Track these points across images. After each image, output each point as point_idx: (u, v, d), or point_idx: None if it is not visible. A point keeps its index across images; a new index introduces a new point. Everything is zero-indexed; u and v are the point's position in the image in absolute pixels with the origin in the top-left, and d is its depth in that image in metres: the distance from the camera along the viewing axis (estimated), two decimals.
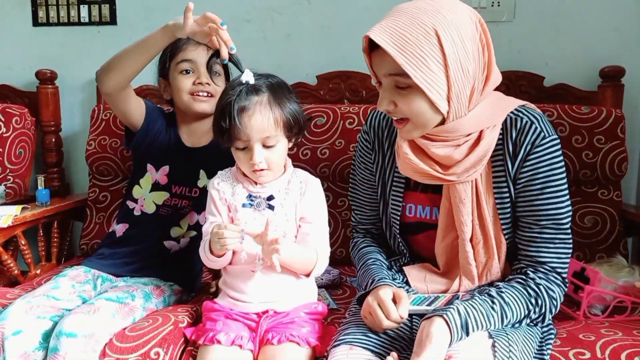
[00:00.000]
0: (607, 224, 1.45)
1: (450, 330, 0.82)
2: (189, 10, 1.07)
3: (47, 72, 1.72)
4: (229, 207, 1.04)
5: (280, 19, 1.74)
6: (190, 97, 1.23)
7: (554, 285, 0.93)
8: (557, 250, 0.94)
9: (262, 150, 0.99)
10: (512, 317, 0.90)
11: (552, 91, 1.62)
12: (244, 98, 0.97)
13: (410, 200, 1.04)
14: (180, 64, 1.23)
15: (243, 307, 1.03)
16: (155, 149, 1.28)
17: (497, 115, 0.93)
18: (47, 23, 1.81)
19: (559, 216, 0.93)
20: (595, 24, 1.63)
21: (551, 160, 0.92)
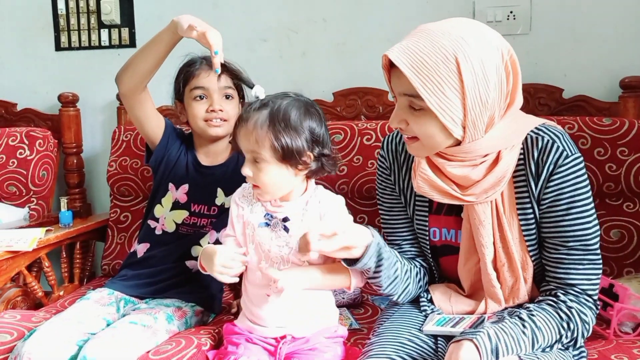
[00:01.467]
0: (634, 238, 1.41)
1: (480, 355, 0.81)
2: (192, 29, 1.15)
3: (69, 95, 1.77)
4: (244, 223, 1.02)
5: (296, 37, 1.76)
6: (204, 123, 1.25)
7: (585, 309, 0.91)
8: (587, 271, 0.92)
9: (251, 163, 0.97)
10: (544, 342, 0.87)
11: (572, 103, 1.59)
12: (246, 110, 0.99)
13: (434, 224, 1.02)
14: (193, 90, 1.25)
15: (261, 332, 1.01)
16: (175, 168, 1.30)
17: (516, 136, 0.91)
18: (69, 47, 1.87)
19: (586, 236, 0.90)
20: (614, 34, 1.61)
21: (575, 179, 0.90)
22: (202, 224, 1.28)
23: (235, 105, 1.28)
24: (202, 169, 1.30)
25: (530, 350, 0.86)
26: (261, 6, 1.76)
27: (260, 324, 1.01)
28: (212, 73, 1.22)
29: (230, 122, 1.24)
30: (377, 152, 1.28)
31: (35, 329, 1.07)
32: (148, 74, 1.22)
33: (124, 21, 1.82)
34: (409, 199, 1.04)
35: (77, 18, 1.84)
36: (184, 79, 1.26)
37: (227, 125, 1.25)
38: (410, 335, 0.95)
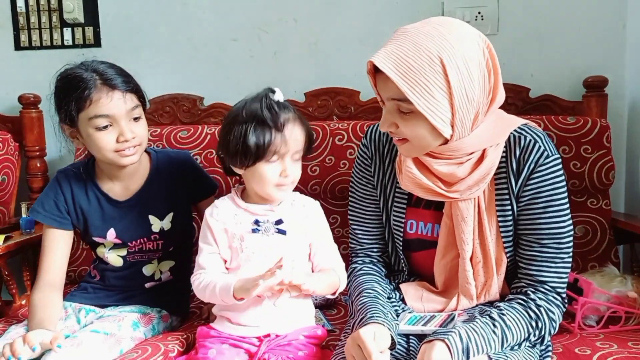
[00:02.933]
0: (598, 233, 1.46)
1: (452, 354, 0.81)
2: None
3: (31, 97, 1.70)
4: (230, 236, 1.01)
5: (267, 37, 1.75)
6: (115, 154, 1.08)
7: (554, 307, 0.93)
8: (558, 269, 0.94)
9: (292, 164, 1.00)
10: (513, 340, 0.89)
11: (538, 102, 1.63)
12: (284, 112, 0.98)
13: (411, 217, 1.03)
14: (93, 120, 1.04)
15: (245, 332, 1.01)
16: (89, 222, 1.17)
17: (500, 134, 0.93)
18: (29, 47, 1.79)
19: (561, 235, 0.93)
20: (578, 35, 1.66)
21: (554, 179, 0.92)
22: (149, 249, 1.20)
23: (144, 124, 1.12)
24: (120, 206, 1.18)
25: (499, 349, 0.88)
26: (231, 5, 1.74)
27: (248, 325, 1.01)
28: (114, 94, 1.04)
29: (143, 145, 1.12)
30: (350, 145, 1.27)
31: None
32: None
33: (88, 20, 1.76)
34: (388, 191, 1.05)
35: (37, 16, 1.77)
36: (77, 102, 1.04)
37: (140, 149, 1.11)
38: None
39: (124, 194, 1.19)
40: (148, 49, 1.77)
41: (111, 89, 1.05)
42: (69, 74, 1.07)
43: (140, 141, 1.11)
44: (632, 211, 1.65)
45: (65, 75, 1.08)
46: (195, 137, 1.56)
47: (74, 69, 1.08)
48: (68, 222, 1.17)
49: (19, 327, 1.08)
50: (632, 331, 1.10)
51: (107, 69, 1.07)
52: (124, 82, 1.07)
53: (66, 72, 1.08)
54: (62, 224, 1.17)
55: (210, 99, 1.73)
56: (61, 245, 1.16)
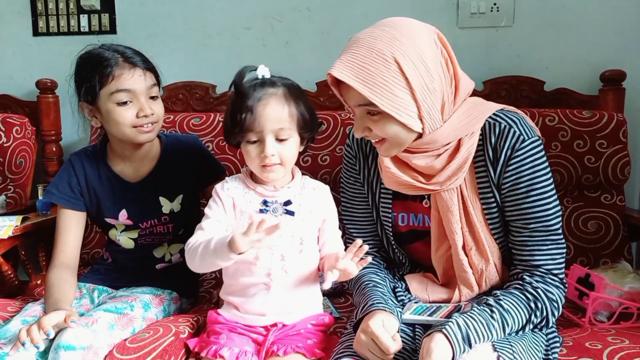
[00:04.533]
0: (611, 229, 1.44)
1: (452, 345, 0.81)
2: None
3: (48, 82, 1.73)
4: (239, 212, 1.01)
5: (280, 26, 1.74)
6: (133, 130, 1.11)
7: (551, 287, 0.93)
8: (550, 251, 0.93)
9: (275, 143, 0.96)
10: (514, 324, 0.89)
11: (553, 96, 1.61)
12: (259, 89, 0.96)
13: (400, 210, 1.04)
14: (115, 94, 1.08)
15: (251, 321, 1.01)
16: (102, 204, 1.20)
17: (474, 122, 0.93)
18: (47, 33, 1.82)
19: (547, 217, 0.92)
20: (596, 28, 1.63)
21: (533, 162, 0.92)
22: (159, 232, 1.22)
23: (161, 103, 1.15)
24: (132, 188, 1.20)
25: (502, 335, 0.87)
26: None
27: (254, 313, 1.01)
28: (136, 72, 1.09)
29: (159, 124, 1.14)
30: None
31: (10, 320, 1.05)
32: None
33: (104, 7, 1.78)
34: (374, 188, 1.06)
35: (55, 3, 1.79)
36: (100, 78, 1.08)
37: (156, 127, 1.14)
38: None
39: (135, 175, 1.21)
40: (162, 37, 1.78)
41: (132, 65, 1.09)
42: (92, 53, 1.12)
43: (157, 119, 1.13)
44: None
45: (88, 55, 1.12)
46: (208, 125, 1.57)
47: (96, 49, 1.12)
48: (81, 203, 1.19)
49: (35, 305, 1.11)
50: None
51: (126, 49, 1.12)
52: (143, 60, 1.12)
53: (88, 52, 1.13)
54: (76, 204, 1.19)
55: (223, 87, 1.74)
56: (75, 226, 1.18)
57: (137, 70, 1.10)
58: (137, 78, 1.09)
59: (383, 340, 0.85)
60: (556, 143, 1.44)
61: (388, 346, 0.85)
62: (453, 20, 1.68)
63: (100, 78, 1.08)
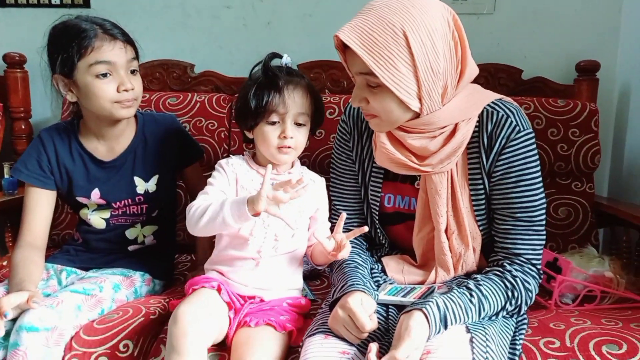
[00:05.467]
0: (580, 215, 1.48)
1: (429, 324, 0.83)
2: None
3: (16, 56, 1.66)
4: (241, 187, 1.03)
5: (261, 6, 1.71)
6: (112, 104, 1.07)
7: (529, 278, 0.95)
8: (532, 242, 0.96)
9: (293, 127, 1.01)
10: (490, 310, 0.91)
11: (530, 84, 1.64)
12: (287, 74, 1.02)
13: (389, 190, 1.05)
14: (94, 66, 1.03)
15: (232, 287, 1.02)
16: (74, 181, 1.16)
17: (473, 109, 0.94)
18: (15, 4, 1.74)
19: (533, 209, 0.95)
20: (572, 19, 1.65)
21: (526, 153, 0.94)
22: (132, 212, 1.20)
23: (140, 80, 1.11)
24: (105, 166, 1.16)
25: (477, 319, 0.90)
26: None
27: (236, 281, 1.02)
28: (116, 44, 1.05)
29: (138, 100, 1.11)
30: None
31: None
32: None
33: None
34: (366, 166, 1.06)
35: None
36: (78, 49, 1.03)
37: (135, 104, 1.11)
38: None
39: (109, 154, 1.17)
40: (139, 13, 1.72)
41: (112, 38, 1.05)
42: (68, 23, 1.06)
43: (137, 95, 1.10)
44: (614, 195, 1.68)
45: (64, 25, 1.06)
46: (185, 105, 1.54)
47: (72, 20, 1.07)
48: (51, 182, 1.16)
49: (0, 287, 1.08)
50: (607, 309, 1.13)
51: (104, 22, 1.08)
52: (122, 33, 1.08)
53: (64, 23, 1.07)
54: (45, 183, 1.15)
55: (201, 67, 1.70)
56: (44, 205, 1.14)
57: (118, 42, 1.06)
58: (117, 50, 1.05)
59: (360, 317, 0.86)
60: None
61: (364, 323, 0.86)
62: None
63: (78, 49, 1.03)
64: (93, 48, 1.03)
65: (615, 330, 0.99)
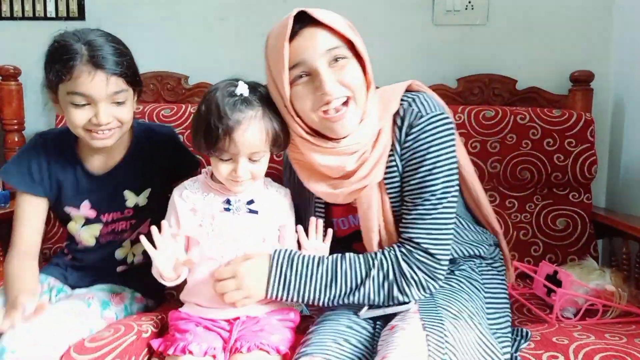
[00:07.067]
0: (579, 227, 1.47)
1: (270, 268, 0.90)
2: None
3: (10, 68, 1.65)
4: (200, 215, 1.00)
5: (255, 17, 1.71)
6: (86, 132, 1.02)
7: (412, 259, 0.90)
8: (427, 226, 0.91)
9: (247, 163, 0.95)
10: (344, 279, 0.91)
11: (525, 94, 1.64)
12: (237, 111, 0.91)
13: (339, 214, 1.04)
14: (71, 95, 0.99)
15: (214, 314, 0.99)
16: (64, 190, 1.12)
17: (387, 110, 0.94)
18: (11, 17, 1.74)
19: (435, 193, 0.91)
20: (566, 29, 1.66)
21: (427, 138, 0.91)
22: (121, 229, 1.16)
23: (129, 108, 1.04)
24: (96, 180, 1.13)
25: (329, 290, 0.91)
26: None
27: (213, 307, 0.99)
28: (97, 75, 0.97)
29: (124, 127, 1.05)
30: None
31: None
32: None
33: None
34: (309, 202, 1.06)
35: None
36: (58, 72, 0.98)
37: (118, 132, 1.05)
38: (349, 321, 0.95)
39: (102, 167, 1.14)
40: (133, 25, 1.72)
41: (95, 68, 0.97)
42: (60, 40, 1.01)
43: (120, 125, 1.05)
44: (612, 206, 1.67)
45: (57, 41, 1.01)
46: (179, 116, 1.53)
47: (68, 35, 1.01)
48: (40, 189, 1.11)
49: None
50: (609, 324, 1.11)
51: (102, 45, 1.00)
52: (115, 63, 1.00)
53: (59, 37, 1.02)
54: (34, 189, 1.10)
55: (195, 78, 1.70)
56: (35, 213, 1.11)
57: (100, 74, 0.97)
58: (97, 82, 0.97)
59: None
60: (527, 141, 1.46)
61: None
62: (428, 17, 1.68)
63: (59, 72, 0.98)
64: (71, 77, 0.97)
65: (620, 345, 0.97)
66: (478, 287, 1.00)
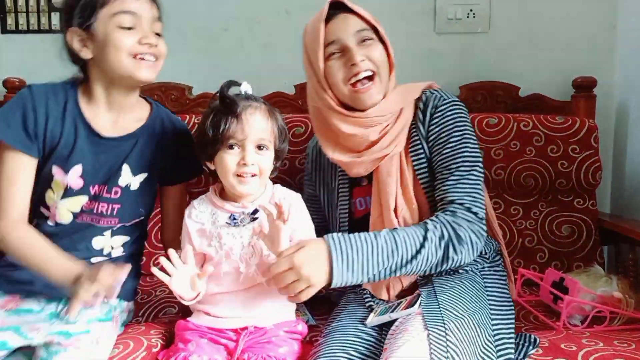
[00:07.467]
0: (584, 233, 1.46)
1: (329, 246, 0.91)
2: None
3: (16, 81, 1.66)
4: (209, 235, 1.00)
5: (258, 28, 1.73)
6: (131, 59, 0.96)
7: (459, 219, 0.97)
8: (466, 189, 1.00)
9: (254, 152, 0.98)
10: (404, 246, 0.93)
11: (528, 101, 1.64)
12: (244, 100, 0.99)
13: (359, 195, 1.13)
14: (118, 15, 0.94)
15: (222, 324, 0.99)
16: (57, 150, 0.99)
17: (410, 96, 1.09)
18: (16, 30, 1.76)
19: (464, 159, 1.02)
20: (568, 36, 1.67)
21: (452, 115, 1.05)
22: (101, 211, 1.01)
23: (164, 44, 1.02)
24: (99, 141, 1.00)
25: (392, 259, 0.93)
26: None
27: (223, 316, 1.00)
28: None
29: (160, 63, 1.01)
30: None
31: None
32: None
33: None
34: (333, 185, 1.17)
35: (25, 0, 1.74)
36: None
37: (157, 67, 1.00)
38: (357, 331, 0.97)
39: (111, 128, 1.02)
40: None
41: None
42: None
43: (160, 54, 1.00)
44: (617, 212, 1.66)
45: None
46: None
47: None
48: (35, 148, 0.98)
49: None
50: (617, 331, 1.10)
51: None
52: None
53: None
54: (28, 148, 0.97)
55: (199, 89, 1.71)
56: (27, 174, 0.97)
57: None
58: (143, 3, 0.97)
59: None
60: (531, 148, 1.46)
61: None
62: (430, 25, 1.69)
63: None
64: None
65: (629, 352, 0.96)
66: (480, 289, 1.03)
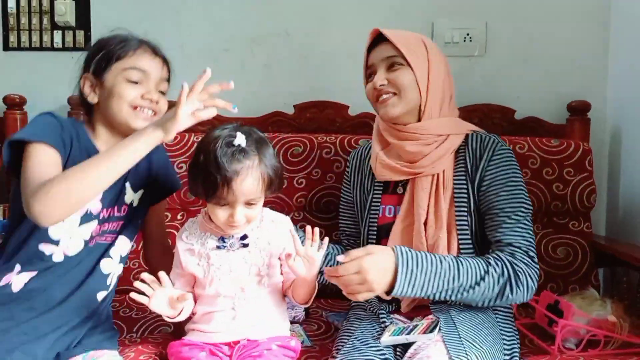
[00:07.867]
0: (579, 255, 1.47)
1: (396, 261, 0.96)
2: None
3: (16, 98, 1.68)
4: (198, 256, 1.02)
5: (259, 49, 1.76)
6: (130, 110, 1.03)
7: (519, 262, 1.02)
8: (522, 233, 1.05)
9: (244, 209, 0.98)
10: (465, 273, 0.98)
11: (523, 124, 1.66)
12: (236, 162, 0.94)
13: (388, 202, 1.18)
14: (128, 70, 1.04)
15: (216, 338, 1.00)
16: None
17: (461, 127, 1.15)
18: (18, 48, 1.78)
19: (521, 205, 1.06)
20: (562, 60, 1.70)
21: (509, 161, 1.10)
22: (110, 229, 1.08)
23: (166, 102, 1.09)
24: None
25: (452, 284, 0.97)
26: (225, 16, 1.75)
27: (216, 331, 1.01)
28: (156, 58, 1.08)
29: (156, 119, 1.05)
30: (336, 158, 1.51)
31: None
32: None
33: (79, 23, 1.76)
34: (368, 189, 1.23)
35: (28, 18, 1.76)
36: (119, 53, 1.05)
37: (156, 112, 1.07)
38: (371, 352, 0.97)
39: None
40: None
41: (155, 54, 1.09)
42: (118, 34, 1.09)
43: (159, 110, 1.07)
44: (612, 234, 1.67)
45: (115, 34, 1.09)
46: (182, 145, 1.55)
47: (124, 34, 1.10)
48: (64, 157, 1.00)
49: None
50: (612, 355, 1.10)
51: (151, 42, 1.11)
52: (164, 56, 1.11)
53: (115, 34, 1.10)
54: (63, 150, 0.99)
55: None
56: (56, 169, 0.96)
57: (157, 58, 1.09)
58: (155, 64, 1.07)
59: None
60: (526, 170, 1.48)
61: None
62: None
63: (120, 50, 1.05)
64: (134, 53, 1.06)
65: None
66: (494, 322, 1.07)
